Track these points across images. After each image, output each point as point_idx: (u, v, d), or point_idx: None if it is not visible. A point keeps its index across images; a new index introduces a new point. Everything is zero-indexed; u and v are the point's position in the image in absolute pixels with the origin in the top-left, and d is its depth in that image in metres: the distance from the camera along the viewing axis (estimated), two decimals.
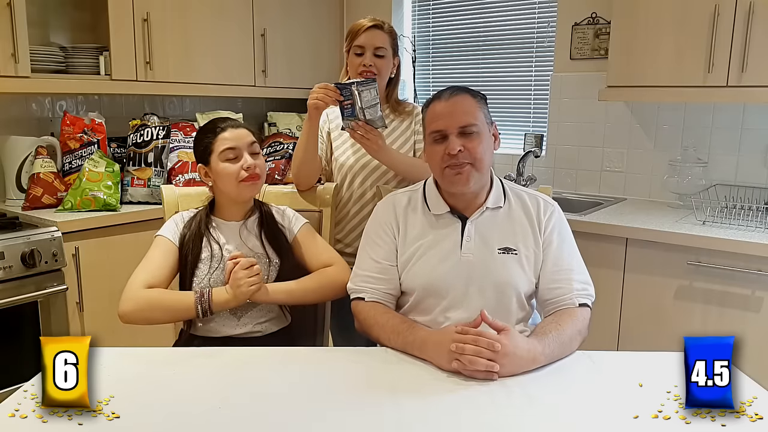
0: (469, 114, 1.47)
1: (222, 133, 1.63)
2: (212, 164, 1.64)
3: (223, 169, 1.62)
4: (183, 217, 1.69)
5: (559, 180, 3.11)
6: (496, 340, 1.25)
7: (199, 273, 1.62)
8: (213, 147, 1.63)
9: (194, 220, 1.67)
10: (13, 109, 2.68)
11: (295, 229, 1.74)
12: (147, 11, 2.68)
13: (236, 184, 1.62)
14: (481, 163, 1.47)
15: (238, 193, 1.65)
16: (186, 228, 1.66)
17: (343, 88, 1.80)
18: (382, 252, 1.55)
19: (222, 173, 1.62)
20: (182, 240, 1.63)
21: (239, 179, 1.62)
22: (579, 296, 1.47)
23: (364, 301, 1.52)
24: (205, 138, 1.65)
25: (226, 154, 1.62)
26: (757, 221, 2.29)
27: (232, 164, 1.62)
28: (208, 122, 1.70)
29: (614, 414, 1.13)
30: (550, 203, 1.57)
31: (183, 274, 1.64)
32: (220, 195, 1.68)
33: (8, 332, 2.14)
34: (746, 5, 2.27)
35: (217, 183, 1.65)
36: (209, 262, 1.62)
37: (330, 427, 1.10)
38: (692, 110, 2.75)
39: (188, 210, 1.72)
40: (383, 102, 2.05)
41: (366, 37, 1.98)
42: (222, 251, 1.63)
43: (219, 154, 1.62)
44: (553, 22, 3.07)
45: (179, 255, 1.63)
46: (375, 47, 1.98)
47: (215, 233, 1.66)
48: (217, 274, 1.61)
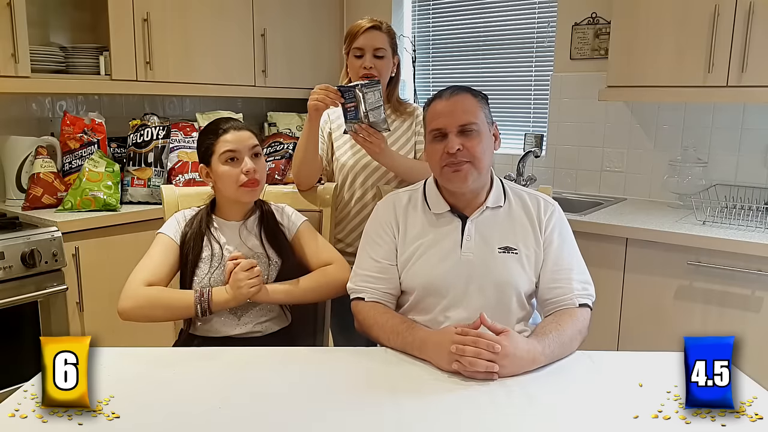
0: (469, 113, 1.47)
1: (224, 135, 1.62)
2: (213, 166, 1.64)
3: (223, 172, 1.62)
4: (185, 216, 1.69)
5: (559, 180, 3.11)
6: (495, 341, 1.25)
7: (199, 272, 1.62)
8: (214, 148, 1.63)
9: (195, 219, 1.67)
10: (13, 109, 2.68)
11: (294, 228, 1.74)
12: (147, 11, 2.68)
13: (235, 188, 1.62)
14: (480, 162, 1.47)
15: (237, 197, 1.65)
16: (187, 226, 1.66)
17: (346, 91, 1.79)
18: (381, 251, 1.55)
19: (222, 176, 1.62)
20: (183, 238, 1.64)
21: (239, 183, 1.61)
22: (579, 296, 1.47)
23: (363, 301, 1.52)
24: (207, 139, 1.65)
25: (227, 156, 1.61)
26: (757, 221, 2.29)
27: (232, 167, 1.61)
28: (211, 122, 1.70)
29: (614, 414, 1.13)
30: (550, 203, 1.57)
31: (183, 272, 1.64)
32: (221, 195, 1.69)
33: (8, 332, 2.14)
34: (746, 5, 2.27)
35: (217, 184, 1.66)
36: (209, 262, 1.62)
37: (330, 427, 1.10)
38: (692, 110, 2.75)
39: (190, 208, 1.73)
40: (384, 102, 2.05)
41: (365, 38, 1.97)
42: (222, 251, 1.63)
43: (219, 156, 1.62)
44: (553, 22, 3.07)
45: (180, 253, 1.63)
46: (374, 48, 1.97)
47: (216, 233, 1.66)
48: (218, 273, 1.61)
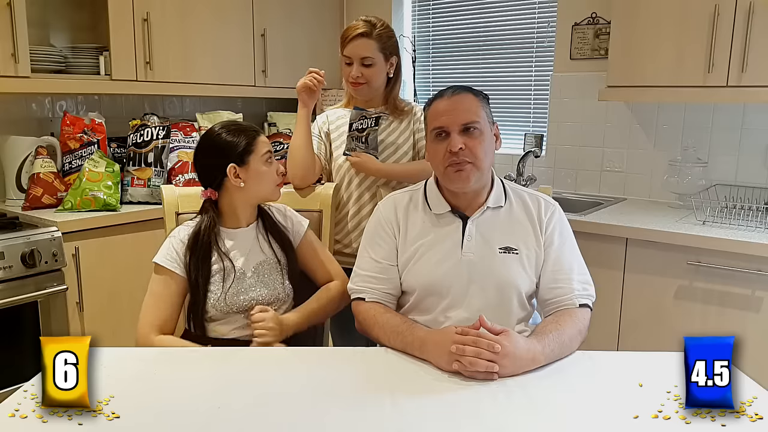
0: (471, 112, 1.47)
1: (259, 137, 1.63)
2: (251, 164, 1.60)
3: (264, 172, 1.62)
4: (180, 237, 1.60)
5: (559, 180, 3.11)
6: (495, 341, 1.25)
7: (211, 295, 1.57)
8: (254, 148, 1.60)
9: (199, 238, 1.59)
10: (13, 109, 2.68)
11: (299, 235, 1.73)
12: (147, 11, 2.68)
13: (273, 188, 1.65)
14: (482, 162, 1.47)
15: (272, 194, 1.66)
16: (188, 249, 1.58)
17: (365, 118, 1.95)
18: (382, 252, 1.55)
19: (264, 174, 1.62)
20: (187, 265, 1.58)
21: (277, 182, 1.65)
22: (579, 297, 1.47)
23: (364, 301, 1.52)
24: (240, 139, 1.60)
25: (267, 157, 1.63)
26: (757, 221, 2.29)
27: (270, 168, 1.63)
28: (227, 126, 1.64)
29: (614, 414, 1.13)
30: (551, 203, 1.57)
31: (195, 294, 1.58)
32: (239, 199, 1.63)
33: (8, 332, 2.14)
34: (746, 5, 2.27)
35: (251, 184, 1.60)
36: (221, 278, 1.58)
37: (330, 427, 1.10)
38: (692, 110, 2.75)
39: (184, 224, 1.64)
40: (383, 102, 2.06)
41: (352, 48, 1.97)
42: (234, 265, 1.60)
43: (261, 156, 1.61)
44: (553, 22, 3.07)
45: (187, 279, 1.58)
46: (361, 57, 1.96)
47: (224, 246, 1.61)
48: (233, 291, 1.58)
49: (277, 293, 1.63)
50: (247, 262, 1.62)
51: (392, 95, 2.07)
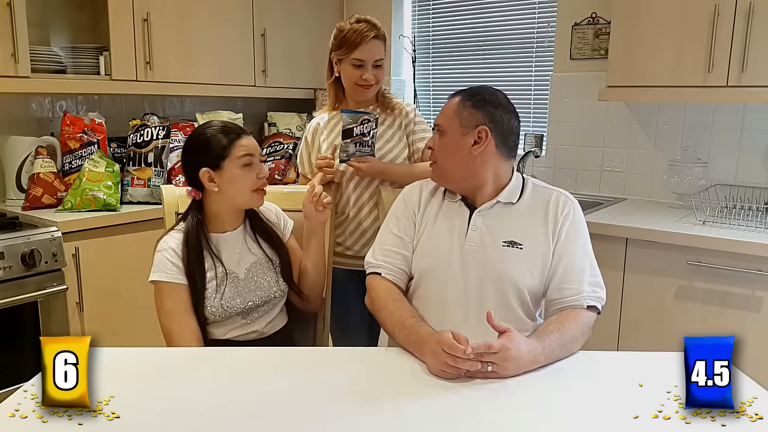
0: (443, 115, 1.55)
1: (239, 140, 1.57)
2: (226, 169, 1.55)
3: (239, 176, 1.56)
4: (170, 246, 1.57)
5: (559, 180, 3.11)
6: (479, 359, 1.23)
7: (208, 302, 1.56)
8: (230, 152, 1.55)
9: (189, 244, 1.57)
10: (13, 109, 2.68)
11: (288, 231, 1.74)
12: (147, 11, 2.68)
13: (249, 193, 1.58)
14: (442, 163, 1.55)
15: (249, 201, 1.61)
16: (182, 253, 1.56)
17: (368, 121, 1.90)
18: (402, 227, 1.59)
19: (239, 179, 1.56)
20: (186, 269, 1.55)
21: (253, 188, 1.58)
22: (588, 298, 1.46)
23: (380, 276, 1.53)
24: (216, 141, 1.56)
25: (245, 161, 1.56)
26: (757, 221, 2.29)
27: (247, 172, 1.57)
28: (208, 126, 1.60)
29: (614, 414, 1.13)
30: (570, 201, 1.56)
31: (193, 297, 1.56)
32: (218, 203, 1.60)
33: (8, 332, 2.14)
34: (746, 5, 2.27)
35: (224, 189, 1.56)
36: (215, 283, 1.57)
37: (330, 427, 1.10)
38: (692, 110, 2.75)
39: (168, 235, 1.60)
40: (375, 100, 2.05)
41: (368, 51, 1.92)
42: (226, 270, 1.59)
43: (237, 159, 1.55)
44: (553, 22, 3.07)
45: (189, 284, 1.56)
46: (375, 60, 1.94)
47: (215, 250, 1.59)
48: (228, 296, 1.57)
49: (272, 292, 1.63)
50: (238, 265, 1.61)
51: (381, 91, 2.05)
